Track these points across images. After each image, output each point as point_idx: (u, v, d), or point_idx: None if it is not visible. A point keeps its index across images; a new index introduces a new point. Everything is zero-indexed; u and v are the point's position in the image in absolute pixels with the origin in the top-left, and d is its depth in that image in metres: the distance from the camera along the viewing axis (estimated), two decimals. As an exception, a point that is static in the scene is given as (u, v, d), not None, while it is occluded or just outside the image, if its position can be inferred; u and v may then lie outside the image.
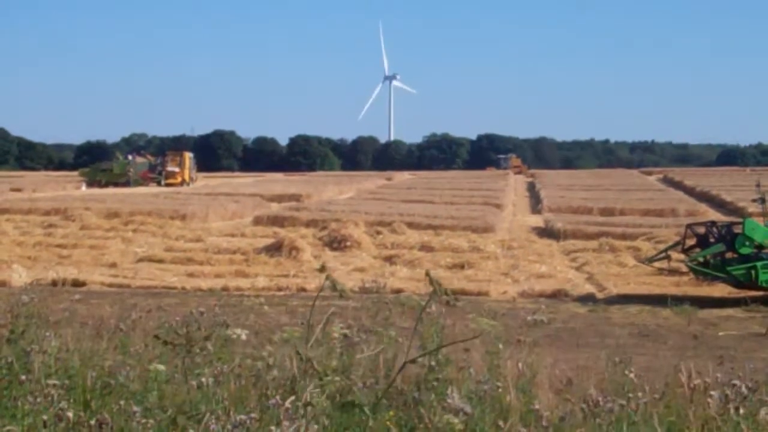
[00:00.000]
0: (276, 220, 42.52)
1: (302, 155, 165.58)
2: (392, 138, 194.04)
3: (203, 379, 7.15)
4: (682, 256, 25.91)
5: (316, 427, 6.03)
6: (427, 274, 5.77)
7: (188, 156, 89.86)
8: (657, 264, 26.68)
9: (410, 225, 39.70)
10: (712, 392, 7.18)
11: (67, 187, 78.18)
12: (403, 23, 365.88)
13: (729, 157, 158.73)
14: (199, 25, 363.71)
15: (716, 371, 8.25)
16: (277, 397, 6.50)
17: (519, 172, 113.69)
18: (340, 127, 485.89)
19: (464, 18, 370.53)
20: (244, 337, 6.75)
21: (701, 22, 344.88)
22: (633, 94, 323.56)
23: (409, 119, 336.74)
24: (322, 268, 5.95)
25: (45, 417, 6.50)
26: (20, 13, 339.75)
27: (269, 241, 33.70)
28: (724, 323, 21.06)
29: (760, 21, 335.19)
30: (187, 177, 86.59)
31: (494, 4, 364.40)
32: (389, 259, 31.01)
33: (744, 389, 7.02)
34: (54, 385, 6.97)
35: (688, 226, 26.32)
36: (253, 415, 6.07)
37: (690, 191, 68.81)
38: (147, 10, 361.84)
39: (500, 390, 7.76)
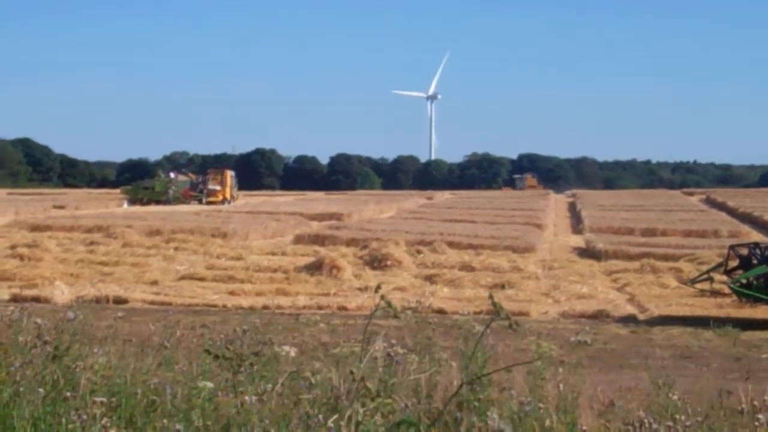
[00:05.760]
0: (317, 239, 42.60)
1: (343, 174, 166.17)
2: (433, 157, 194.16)
3: (247, 398, 7.18)
4: (724, 278, 25.72)
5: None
6: (491, 297, 5.76)
7: (229, 174, 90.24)
8: (699, 285, 26.50)
9: (451, 244, 39.66)
10: (759, 415, 7.13)
11: (109, 205, 78.67)
12: (444, 43, 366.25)
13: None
14: (240, 44, 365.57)
15: (754, 391, 8.20)
16: (320, 416, 6.51)
17: None
18: (381, 146, 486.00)
19: (504, 37, 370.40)
20: (293, 354, 6.76)
21: (744, 41, 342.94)
22: (675, 114, 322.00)
23: (450, 138, 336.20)
24: (378, 288, 5.95)
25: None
26: (63, 34, 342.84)
27: (310, 259, 33.76)
28: (767, 345, 20.88)
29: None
30: (228, 195, 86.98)
31: (534, 24, 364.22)
32: (430, 279, 30.95)
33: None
34: (100, 403, 7.02)
35: (731, 247, 26.13)
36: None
37: (732, 212, 68.28)
38: (188, 30, 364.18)
39: (542, 411, 7.73)
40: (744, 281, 24.46)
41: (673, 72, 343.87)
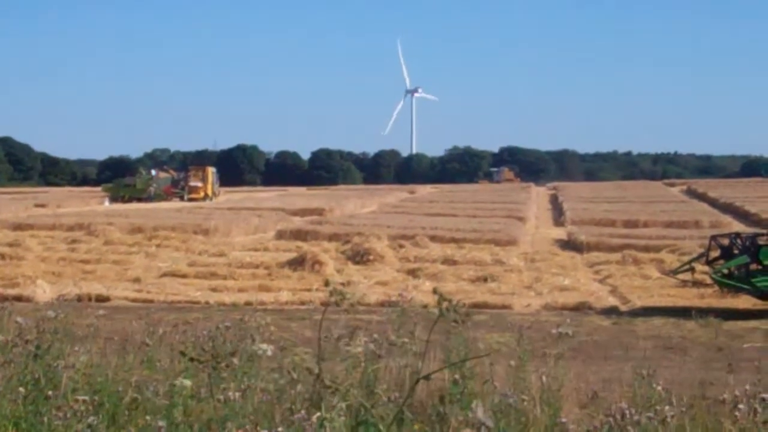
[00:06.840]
0: (299, 234, 42.51)
1: (324, 169, 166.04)
2: (414, 151, 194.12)
3: (229, 394, 7.17)
4: (706, 268, 25.79)
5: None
6: (435, 290, 5.71)
7: (211, 171, 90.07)
8: (681, 276, 26.56)
9: (433, 238, 39.68)
10: (740, 405, 7.14)
11: (90, 203, 78.38)
12: (423, 37, 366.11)
13: (753, 168, 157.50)
14: (219, 41, 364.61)
15: (735, 381, 8.22)
16: (303, 412, 6.50)
17: None
18: (362, 140, 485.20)
19: (485, 31, 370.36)
20: (269, 353, 6.74)
21: (724, 33, 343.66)
22: (655, 105, 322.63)
23: (431, 132, 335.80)
24: (327, 283, 5.97)
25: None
26: (42, 30, 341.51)
27: (292, 255, 33.72)
28: (749, 335, 20.95)
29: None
30: (209, 192, 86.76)
31: (515, 18, 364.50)
32: (412, 273, 30.97)
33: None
34: (82, 401, 6.99)
35: (712, 237, 26.21)
36: (280, 429, 6.07)
37: (713, 203, 68.41)
38: (168, 27, 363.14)
39: (525, 403, 7.73)
40: (725, 271, 24.53)
41: (653, 63, 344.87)
